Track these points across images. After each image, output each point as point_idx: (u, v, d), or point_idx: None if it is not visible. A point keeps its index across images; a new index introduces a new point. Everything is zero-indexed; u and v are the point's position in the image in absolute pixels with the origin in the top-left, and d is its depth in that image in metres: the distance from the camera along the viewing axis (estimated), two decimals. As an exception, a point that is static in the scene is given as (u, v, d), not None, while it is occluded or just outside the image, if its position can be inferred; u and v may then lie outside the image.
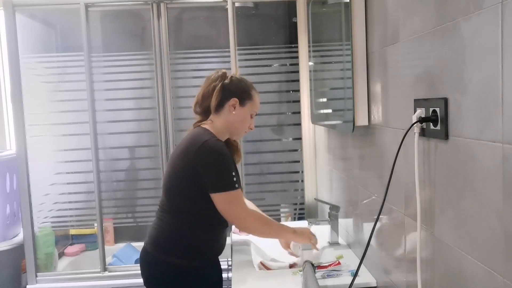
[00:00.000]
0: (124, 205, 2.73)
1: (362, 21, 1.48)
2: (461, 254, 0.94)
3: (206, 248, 1.65)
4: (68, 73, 2.58)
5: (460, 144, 0.93)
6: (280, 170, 2.71)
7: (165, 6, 2.49)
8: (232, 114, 1.66)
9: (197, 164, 1.54)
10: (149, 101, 2.61)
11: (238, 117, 1.67)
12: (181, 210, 1.60)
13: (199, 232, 1.61)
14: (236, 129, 1.70)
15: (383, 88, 1.37)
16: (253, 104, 1.71)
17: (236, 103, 1.66)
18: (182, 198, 1.59)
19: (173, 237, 1.61)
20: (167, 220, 1.62)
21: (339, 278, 1.54)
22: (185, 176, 1.57)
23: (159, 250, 1.61)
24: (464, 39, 0.89)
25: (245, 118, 1.70)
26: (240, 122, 1.69)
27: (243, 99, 1.68)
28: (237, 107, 1.67)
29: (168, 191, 1.62)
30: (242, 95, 1.68)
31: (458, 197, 0.94)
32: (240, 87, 1.70)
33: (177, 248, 1.60)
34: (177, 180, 1.59)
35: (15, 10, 2.41)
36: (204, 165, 1.54)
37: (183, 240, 1.60)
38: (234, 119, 1.67)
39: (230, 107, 1.66)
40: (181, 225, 1.60)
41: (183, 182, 1.57)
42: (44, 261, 2.52)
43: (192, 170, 1.55)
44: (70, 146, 2.61)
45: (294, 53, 2.61)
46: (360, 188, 1.65)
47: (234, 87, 1.68)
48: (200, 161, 1.54)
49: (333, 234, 1.91)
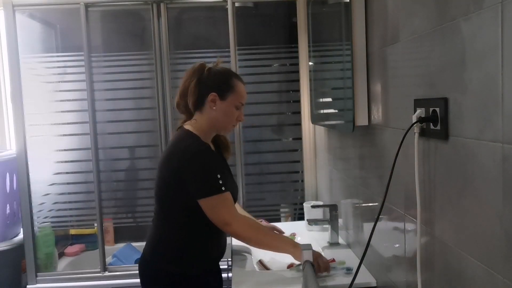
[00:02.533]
0: (124, 205, 2.72)
1: (362, 21, 1.48)
2: (461, 254, 0.94)
3: (205, 255, 1.60)
4: (68, 73, 2.58)
5: (460, 144, 0.93)
6: (280, 170, 2.71)
7: (165, 6, 2.49)
8: (213, 110, 1.56)
9: (180, 171, 1.49)
10: (149, 101, 2.61)
11: (220, 112, 1.56)
12: (175, 217, 1.56)
13: (196, 239, 1.56)
14: (222, 124, 1.60)
15: (383, 88, 1.37)
16: (236, 94, 1.58)
17: (215, 98, 1.55)
18: (174, 205, 1.55)
19: (170, 245, 1.57)
20: (163, 228, 1.58)
21: (334, 275, 1.54)
22: (172, 184, 1.51)
23: (158, 259, 1.57)
24: (464, 39, 0.89)
25: (229, 112, 1.58)
26: (224, 116, 1.57)
27: (222, 92, 1.56)
28: (218, 102, 1.56)
29: (160, 200, 1.58)
30: (220, 88, 1.56)
31: (458, 197, 0.94)
32: (217, 80, 1.57)
33: (176, 256, 1.56)
34: (166, 188, 1.54)
35: (15, 10, 2.41)
36: (187, 172, 1.48)
37: (181, 248, 1.55)
38: (217, 115, 1.56)
39: (210, 103, 1.56)
40: (177, 233, 1.56)
41: (172, 190, 1.52)
42: (44, 261, 2.52)
43: (177, 178, 1.50)
44: (70, 146, 2.60)
45: (294, 53, 2.61)
46: (360, 188, 1.65)
47: (210, 81, 1.57)
48: (182, 168, 1.48)
49: (333, 234, 1.91)
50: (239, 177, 2.53)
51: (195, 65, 1.60)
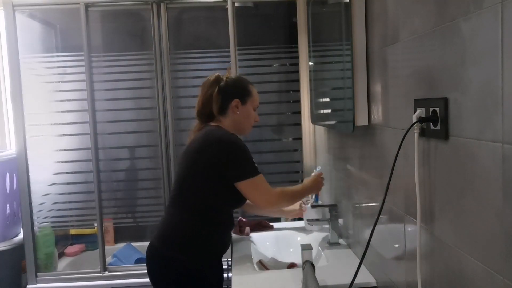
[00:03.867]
0: (124, 205, 2.72)
1: (362, 21, 1.48)
2: (461, 254, 0.94)
3: (212, 247, 1.68)
4: (68, 73, 2.58)
5: (460, 144, 0.93)
6: (280, 170, 2.71)
7: (165, 6, 2.49)
8: (237, 114, 1.75)
9: (219, 157, 1.61)
10: (149, 101, 2.61)
11: (243, 115, 1.76)
12: (194, 206, 1.65)
13: (208, 229, 1.65)
14: (244, 126, 1.79)
15: (383, 88, 1.37)
16: (253, 99, 1.79)
17: (238, 103, 1.74)
18: (197, 194, 1.64)
19: (181, 232, 1.64)
20: (178, 216, 1.66)
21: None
22: (204, 172, 1.62)
23: (167, 246, 1.64)
24: (464, 39, 0.89)
25: (250, 114, 1.78)
26: (246, 119, 1.77)
27: (243, 98, 1.76)
28: (240, 107, 1.75)
29: (182, 187, 1.67)
30: (241, 94, 1.76)
31: (458, 197, 0.94)
32: (237, 87, 1.77)
33: (185, 244, 1.62)
34: (194, 177, 1.64)
35: (15, 10, 2.41)
36: (227, 157, 1.62)
37: (192, 236, 1.63)
38: (240, 118, 1.75)
39: (234, 108, 1.74)
40: (191, 221, 1.64)
41: (201, 178, 1.63)
42: (44, 261, 2.52)
43: (213, 165, 1.61)
44: (70, 146, 2.60)
45: (294, 53, 2.61)
46: (360, 188, 1.65)
47: (231, 88, 1.76)
48: (222, 154, 1.61)
49: (333, 234, 1.91)
50: (239, 177, 2.52)
51: (211, 77, 1.78)
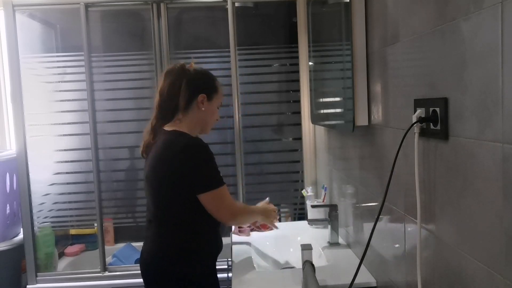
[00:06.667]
0: (124, 205, 2.73)
1: (362, 21, 1.48)
2: (461, 254, 0.94)
3: (203, 253, 1.60)
4: (68, 73, 2.58)
5: (460, 144, 0.93)
6: (280, 170, 2.71)
7: (165, 6, 2.49)
8: (202, 111, 1.63)
9: (184, 166, 1.49)
10: (149, 101, 2.60)
11: (207, 112, 1.64)
12: (172, 218, 1.55)
13: (193, 237, 1.57)
14: (206, 124, 1.67)
15: (383, 88, 1.37)
16: (218, 96, 1.68)
17: (204, 99, 1.62)
18: (174, 205, 1.54)
19: (170, 246, 1.56)
20: (161, 230, 1.58)
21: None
22: (173, 183, 1.51)
23: (158, 261, 1.56)
24: (464, 39, 0.89)
25: (214, 112, 1.67)
26: (210, 116, 1.66)
27: (210, 94, 1.64)
28: (206, 103, 1.63)
29: (159, 203, 1.57)
30: (209, 89, 1.64)
31: (458, 197, 0.94)
32: (206, 82, 1.66)
33: (175, 256, 1.56)
34: (165, 189, 1.53)
35: (15, 10, 2.41)
36: (192, 166, 1.50)
37: (180, 248, 1.55)
38: (204, 115, 1.64)
39: (199, 103, 1.62)
40: (178, 233, 1.56)
41: (172, 190, 1.52)
42: (44, 261, 2.52)
43: (179, 175, 1.50)
44: (70, 146, 2.60)
45: (294, 53, 2.61)
46: (360, 188, 1.65)
47: (200, 82, 1.64)
48: (187, 163, 1.49)
49: (333, 234, 1.91)
50: (239, 177, 2.53)
51: (176, 65, 1.64)
